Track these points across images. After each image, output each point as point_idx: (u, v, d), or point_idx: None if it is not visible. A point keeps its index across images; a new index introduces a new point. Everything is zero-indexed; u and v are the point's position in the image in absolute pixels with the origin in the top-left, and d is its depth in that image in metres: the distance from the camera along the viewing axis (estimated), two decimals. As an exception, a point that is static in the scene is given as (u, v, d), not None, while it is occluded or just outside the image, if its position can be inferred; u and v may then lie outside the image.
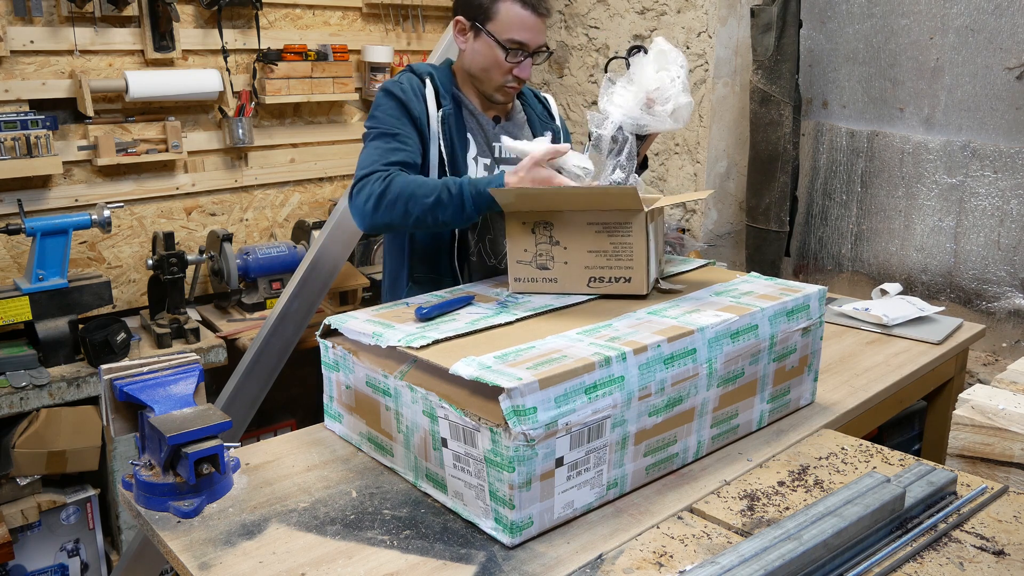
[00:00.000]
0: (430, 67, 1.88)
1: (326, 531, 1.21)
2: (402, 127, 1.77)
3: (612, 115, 1.61)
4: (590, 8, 3.36)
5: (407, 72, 1.86)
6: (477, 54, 1.81)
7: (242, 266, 2.96)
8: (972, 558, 1.12)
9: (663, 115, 1.61)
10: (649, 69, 1.62)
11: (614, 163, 1.62)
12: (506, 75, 1.80)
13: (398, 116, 1.78)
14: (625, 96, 1.61)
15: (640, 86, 1.61)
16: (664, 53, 1.63)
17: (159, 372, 1.36)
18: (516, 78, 1.81)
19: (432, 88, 1.82)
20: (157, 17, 2.83)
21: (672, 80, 1.61)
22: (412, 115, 1.78)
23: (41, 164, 2.61)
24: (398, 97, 1.79)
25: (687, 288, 1.60)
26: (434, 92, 1.82)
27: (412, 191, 1.64)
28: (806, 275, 3.11)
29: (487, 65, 1.80)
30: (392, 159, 1.71)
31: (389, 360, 1.33)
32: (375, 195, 1.66)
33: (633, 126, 1.61)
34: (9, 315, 2.41)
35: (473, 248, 1.88)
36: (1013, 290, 2.56)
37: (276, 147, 3.27)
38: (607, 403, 1.20)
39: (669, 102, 1.60)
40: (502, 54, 1.77)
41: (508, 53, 1.77)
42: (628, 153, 1.61)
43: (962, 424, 1.43)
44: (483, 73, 1.82)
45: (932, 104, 2.68)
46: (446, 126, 1.80)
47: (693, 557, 1.14)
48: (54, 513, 2.53)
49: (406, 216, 1.65)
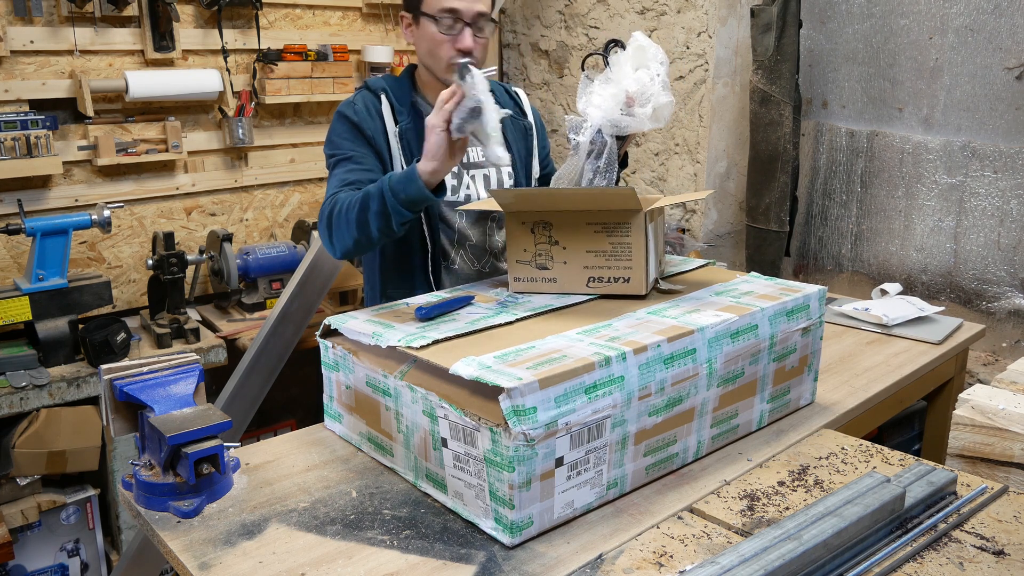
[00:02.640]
0: (385, 81, 1.85)
1: (326, 531, 1.21)
2: (356, 148, 1.76)
3: (592, 117, 1.58)
4: (590, 8, 3.36)
5: (362, 90, 1.84)
6: (421, 40, 1.78)
7: (242, 266, 2.96)
8: (972, 558, 1.12)
9: (643, 116, 1.57)
10: (627, 67, 1.58)
11: (593, 168, 1.59)
12: (449, 50, 1.74)
13: (351, 138, 1.77)
14: (604, 96, 1.58)
15: (619, 85, 1.58)
16: (643, 49, 1.59)
17: (159, 372, 1.36)
18: (459, 51, 1.73)
19: (388, 104, 1.80)
20: (157, 17, 2.83)
21: (652, 79, 1.57)
22: (366, 136, 1.77)
23: (41, 164, 2.61)
24: (350, 119, 1.78)
25: (687, 288, 1.60)
26: (390, 108, 1.80)
27: (346, 205, 1.62)
28: (806, 275, 3.11)
29: (431, 46, 1.76)
30: (348, 180, 1.71)
31: (389, 360, 1.33)
32: (323, 223, 1.67)
33: (612, 128, 1.58)
34: (9, 315, 2.41)
35: (453, 256, 1.88)
36: (1013, 290, 2.56)
37: (276, 147, 3.27)
38: (607, 403, 1.20)
39: (649, 103, 1.57)
40: (438, 28, 1.73)
41: (440, 24, 1.72)
42: (608, 157, 1.58)
43: (962, 424, 1.43)
44: (430, 58, 1.78)
45: (931, 104, 2.68)
46: (404, 141, 1.79)
47: (693, 557, 1.14)
48: (54, 513, 2.53)
49: (349, 231, 1.62)
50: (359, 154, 1.76)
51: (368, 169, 1.75)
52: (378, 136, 1.78)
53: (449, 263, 1.87)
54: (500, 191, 1.53)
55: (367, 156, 1.77)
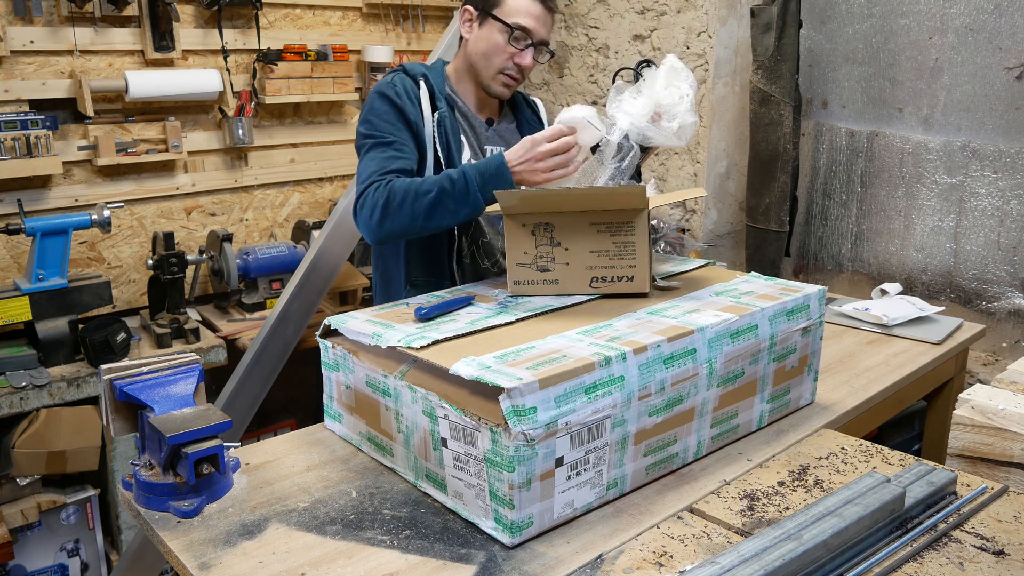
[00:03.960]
0: (424, 67, 1.86)
1: (326, 531, 1.21)
2: (398, 133, 1.75)
3: (620, 122, 1.62)
4: (590, 8, 3.36)
5: (400, 73, 1.84)
6: (480, 40, 1.80)
7: (242, 266, 2.96)
8: (972, 558, 1.12)
9: (668, 131, 1.61)
10: (659, 83, 1.62)
11: (614, 168, 1.62)
12: (507, 60, 1.79)
13: (392, 121, 1.76)
14: (634, 105, 1.62)
15: (649, 98, 1.62)
16: (676, 71, 1.64)
17: (159, 372, 1.36)
18: (517, 66, 1.79)
19: (427, 90, 1.80)
20: (157, 17, 2.83)
21: (680, 98, 1.62)
22: (407, 119, 1.76)
23: (41, 164, 2.61)
24: (392, 100, 1.77)
25: (687, 288, 1.60)
26: (429, 94, 1.80)
27: (414, 190, 1.63)
28: (806, 275, 3.11)
29: (489, 50, 1.79)
30: (390, 168, 1.70)
31: (389, 360, 1.33)
32: (379, 205, 1.65)
33: (638, 136, 1.61)
34: (9, 315, 2.41)
35: (467, 251, 1.88)
36: (1013, 290, 2.56)
37: (276, 147, 3.26)
38: (607, 403, 1.20)
39: (676, 119, 1.61)
40: (505, 37, 1.76)
41: (512, 37, 1.76)
42: (631, 162, 1.62)
43: (962, 424, 1.43)
44: (484, 59, 1.80)
45: (931, 104, 2.68)
46: (442, 129, 1.79)
47: (693, 557, 1.14)
48: (54, 513, 2.53)
49: (413, 218, 1.63)
50: (400, 140, 1.75)
51: (409, 158, 1.74)
52: (418, 121, 1.78)
53: (463, 257, 1.88)
54: (505, 192, 1.53)
55: (407, 143, 1.76)
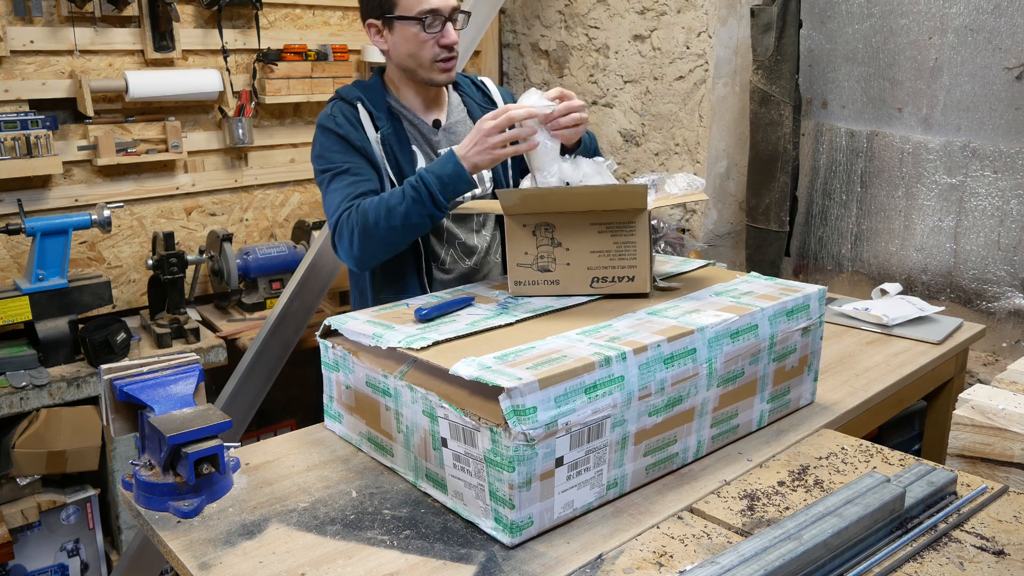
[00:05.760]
0: (359, 90, 1.84)
1: (326, 531, 1.21)
2: (351, 159, 1.76)
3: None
4: (590, 8, 3.36)
5: (336, 101, 1.84)
6: (399, 44, 1.79)
7: (242, 266, 2.96)
8: (972, 558, 1.12)
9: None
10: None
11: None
12: (433, 48, 1.77)
13: (341, 150, 1.77)
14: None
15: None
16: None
17: (159, 372, 1.36)
18: (444, 47, 1.78)
19: (365, 112, 1.80)
20: (157, 17, 2.83)
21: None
22: (354, 145, 1.77)
23: (41, 164, 2.61)
24: (334, 132, 1.77)
25: (687, 288, 1.60)
26: (368, 116, 1.80)
27: (385, 206, 1.64)
28: (806, 275, 3.11)
29: (412, 48, 1.77)
30: (356, 193, 1.71)
31: (389, 360, 1.33)
32: (356, 230, 1.66)
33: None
34: (9, 315, 2.41)
35: (443, 256, 1.88)
36: (1013, 290, 2.56)
37: (276, 147, 3.26)
38: (607, 403, 1.20)
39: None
40: (419, 29, 1.74)
41: (425, 25, 1.74)
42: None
43: (962, 424, 1.43)
44: (412, 59, 1.79)
45: (931, 104, 2.68)
46: (387, 147, 1.79)
47: (693, 557, 1.14)
48: (54, 513, 2.53)
49: (391, 232, 1.64)
50: (355, 165, 1.76)
51: (370, 179, 1.75)
52: (365, 145, 1.78)
53: (439, 263, 1.87)
54: (506, 192, 1.53)
55: (363, 166, 1.76)
